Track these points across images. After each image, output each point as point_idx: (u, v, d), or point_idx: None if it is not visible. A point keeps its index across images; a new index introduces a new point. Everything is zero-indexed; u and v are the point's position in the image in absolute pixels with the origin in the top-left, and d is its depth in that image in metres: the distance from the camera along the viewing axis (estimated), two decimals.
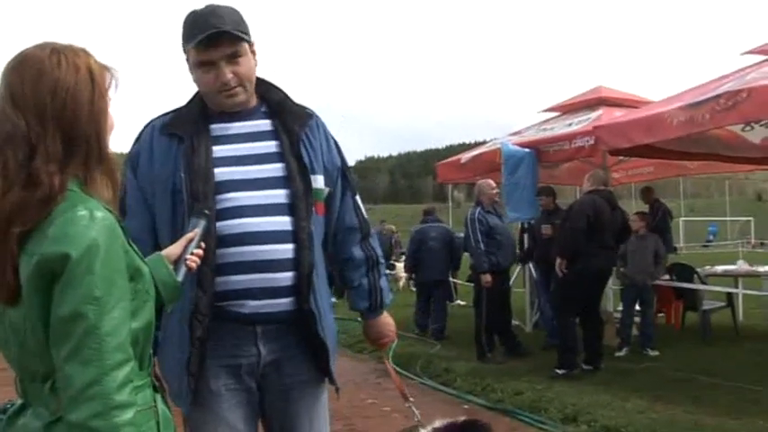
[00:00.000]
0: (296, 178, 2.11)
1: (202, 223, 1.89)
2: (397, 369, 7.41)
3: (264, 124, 2.19)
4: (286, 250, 2.07)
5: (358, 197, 2.39)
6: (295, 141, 2.16)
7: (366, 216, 2.41)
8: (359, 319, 9.67)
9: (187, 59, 2.14)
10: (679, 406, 5.29)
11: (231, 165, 2.11)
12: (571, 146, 7.93)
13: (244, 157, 2.13)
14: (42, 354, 1.35)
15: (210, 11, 2.08)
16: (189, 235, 1.84)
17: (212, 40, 2.04)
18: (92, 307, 1.30)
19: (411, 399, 2.48)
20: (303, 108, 2.27)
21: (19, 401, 1.48)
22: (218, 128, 2.16)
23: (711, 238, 41.62)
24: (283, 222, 2.08)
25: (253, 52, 2.15)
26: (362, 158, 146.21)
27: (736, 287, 9.04)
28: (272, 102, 2.23)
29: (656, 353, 7.37)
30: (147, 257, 1.59)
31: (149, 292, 1.48)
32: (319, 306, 2.15)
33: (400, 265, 19.54)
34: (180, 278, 1.74)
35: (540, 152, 8.39)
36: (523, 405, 5.57)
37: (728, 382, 5.96)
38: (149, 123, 2.20)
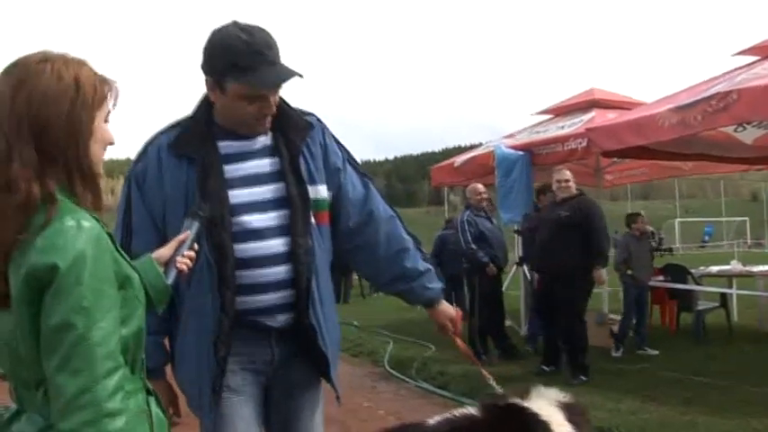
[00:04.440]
0: (294, 198, 2.12)
1: (196, 225, 1.88)
2: (393, 372, 7.49)
3: (267, 139, 2.17)
4: (283, 271, 2.11)
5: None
6: (296, 155, 2.16)
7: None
8: (355, 323, 9.69)
9: (218, 84, 2.05)
10: (672, 406, 5.33)
11: (240, 186, 2.11)
12: (564, 148, 8.00)
13: (248, 177, 2.13)
14: (34, 363, 1.36)
15: (264, 42, 2.01)
16: (180, 237, 1.84)
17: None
18: (81, 317, 1.32)
19: (492, 382, 2.42)
20: (303, 116, 2.24)
21: (14, 407, 1.49)
22: (225, 145, 2.14)
23: (707, 238, 41.72)
24: (279, 244, 2.11)
25: None
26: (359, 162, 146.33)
27: (731, 288, 9.10)
28: (274, 114, 2.16)
29: (656, 352, 7.44)
30: (136, 261, 1.61)
31: (139, 299, 1.50)
32: (320, 319, 2.18)
33: None
34: (170, 281, 1.73)
35: (533, 155, 8.46)
36: None
37: (721, 383, 6.00)
38: (154, 140, 2.16)
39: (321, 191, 2.21)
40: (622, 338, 7.62)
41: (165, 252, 1.80)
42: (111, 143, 1.53)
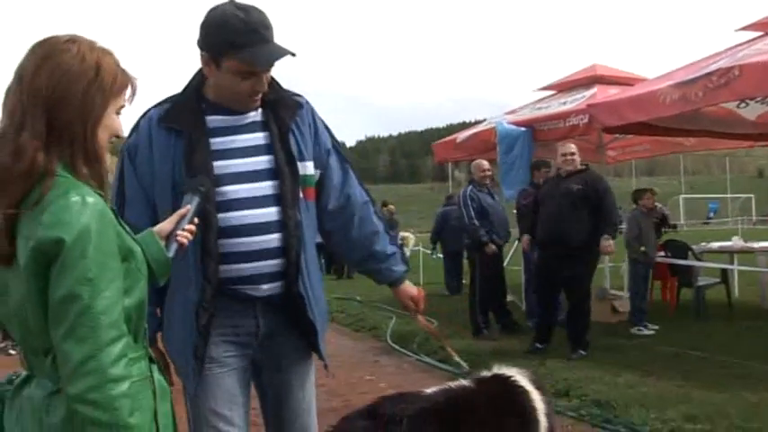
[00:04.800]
0: (284, 170, 2.18)
1: (196, 200, 1.94)
2: (395, 347, 7.58)
3: (255, 114, 2.23)
4: (275, 239, 2.16)
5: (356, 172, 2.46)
6: (285, 131, 2.22)
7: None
8: (357, 298, 9.74)
9: (214, 59, 2.11)
10: (669, 380, 5.39)
11: (227, 158, 2.16)
12: (565, 124, 8.00)
13: (237, 149, 2.18)
14: (43, 331, 1.43)
15: (260, 21, 2.07)
16: (181, 211, 1.89)
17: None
18: (86, 288, 1.38)
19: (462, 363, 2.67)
20: (293, 96, 2.32)
21: (24, 373, 1.57)
22: (213, 120, 2.19)
23: (712, 215, 41.71)
24: (271, 213, 2.16)
25: None
26: (362, 138, 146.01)
27: (732, 264, 9.14)
28: (265, 92, 2.22)
29: (656, 327, 7.50)
30: (138, 235, 1.66)
31: (141, 271, 1.56)
32: (308, 288, 2.24)
33: (411, 241, 19.78)
34: (170, 254, 1.78)
35: (535, 131, 8.46)
36: None
37: (719, 357, 6.07)
38: (146, 114, 2.22)
39: (309, 167, 2.26)
40: (641, 314, 7.62)
41: (165, 226, 1.85)
42: (118, 135, 1.59)
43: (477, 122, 10.64)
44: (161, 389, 1.59)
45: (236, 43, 2.05)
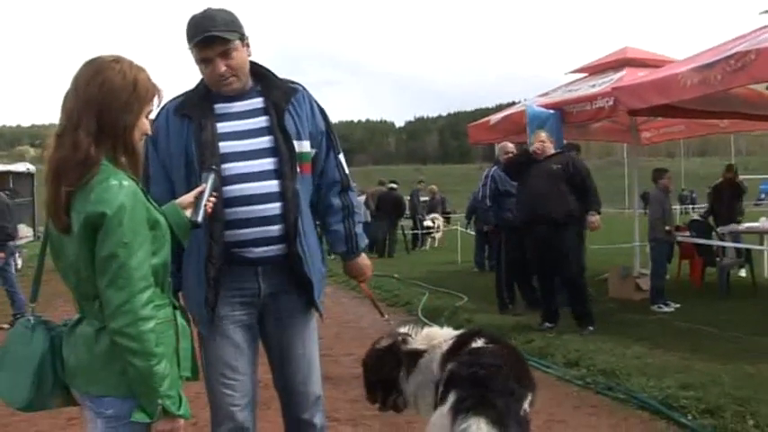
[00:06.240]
0: (282, 148, 2.60)
1: (212, 177, 2.38)
2: (425, 320, 7.98)
3: (257, 102, 2.65)
4: (275, 207, 2.59)
5: (341, 156, 2.86)
6: (282, 115, 2.64)
7: (348, 172, 2.89)
8: (395, 276, 10.21)
9: (192, 54, 2.59)
10: (676, 353, 5.67)
11: (232, 139, 2.60)
12: (592, 107, 8.19)
13: (241, 132, 2.61)
14: (92, 281, 1.90)
15: (205, 16, 2.52)
16: (200, 188, 2.33)
17: (206, 41, 2.52)
18: (122, 250, 1.85)
19: (385, 316, 3.31)
20: (288, 83, 2.74)
21: (74, 318, 2.05)
22: (220, 107, 2.63)
23: (763, 196, 40.61)
24: (272, 185, 2.59)
25: (246, 45, 2.61)
26: (412, 119, 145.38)
27: (762, 245, 9.22)
28: (263, 82, 2.69)
29: (677, 305, 7.71)
30: (163, 206, 2.12)
31: (165, 237, 2.02)
32: (305, 250, 2.65)
33: (439, 222, 19.99)
34: (199, 219, 2.25)
35: (564, 113, 8.66)
36: (533, 351, 5.99)
37: (731, 333, 6.30)
38: (164, 107, 2.65)
39: (305, 145, 2.68)
40: (660, 294, 7.83)
41: (186, 198, 2.31)
42: (147, 134, 2.07)
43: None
44: (182, 329, 2.06)
45: (189, 36, 2.53)
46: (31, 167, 18.85)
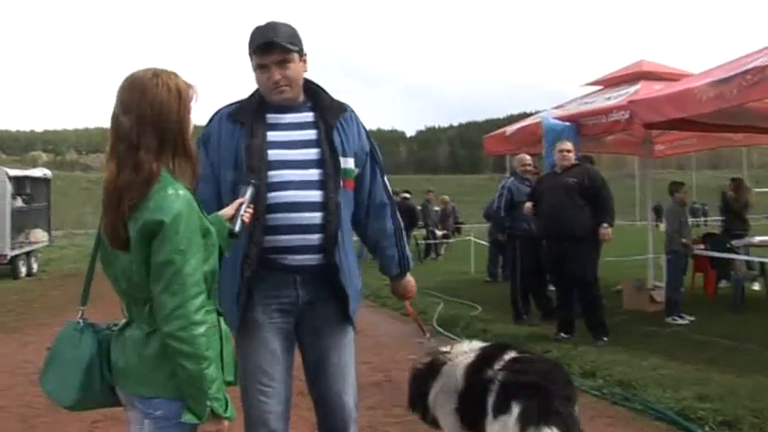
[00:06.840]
0: (328, 161, 2.68)
1: (250, 189, 2.47)
2: (440, 330, 8.04)
3: (308, 116, 2.76)
4: (317, 217, 2.66)
5: (386, 177, 2.96)
6: (330, 130, 2.74)
7: (391, 193, 2.99)
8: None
9: (251, 62, 2.72)
10: (692, 365, 5.71)
11: (281, 148, 2.70)
12: (607, 120, 8.28)
13: (291, 142, 2.71)
14: (144, 286, 1.99)
15: (269, 26, 2.67)
16: (240, 200, 2.44)
17: (266, 48, 2.64)
18: (178, 256, 1.94)
19: (427, 335, 3.33)
20: (339, 103, 2.85)
21: (121, 321, 2.14)
22: (272, 117, 2.73)
23: None
24: (316, 195, 2.67)
25: (303, 61, 2.73)
26: (422, 129, 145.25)
27: None
28: (315, 98, 2.79)
29: (692, 318, 7.74)
30: (209, 216, 2.21)
31: (215, 245, 2.11)
32: (342, 260, 2.72)
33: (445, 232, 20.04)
34: (237, 228, 2.34)
35: (579, 125, 8.74)
36: None
37: (747, 347, 6.32)
38: (218, 112, 2.78)
39: (350, 162, 2.77)
40: (675, 306, 7.87)
41: (227, 210, 2.41)
42: (194, 129, 2.14)
43: (538, 113, 10.90)
44: (225, 334, 2.15)
45: (251, 43, 2.67)
46: (48, 173, 18.99)
